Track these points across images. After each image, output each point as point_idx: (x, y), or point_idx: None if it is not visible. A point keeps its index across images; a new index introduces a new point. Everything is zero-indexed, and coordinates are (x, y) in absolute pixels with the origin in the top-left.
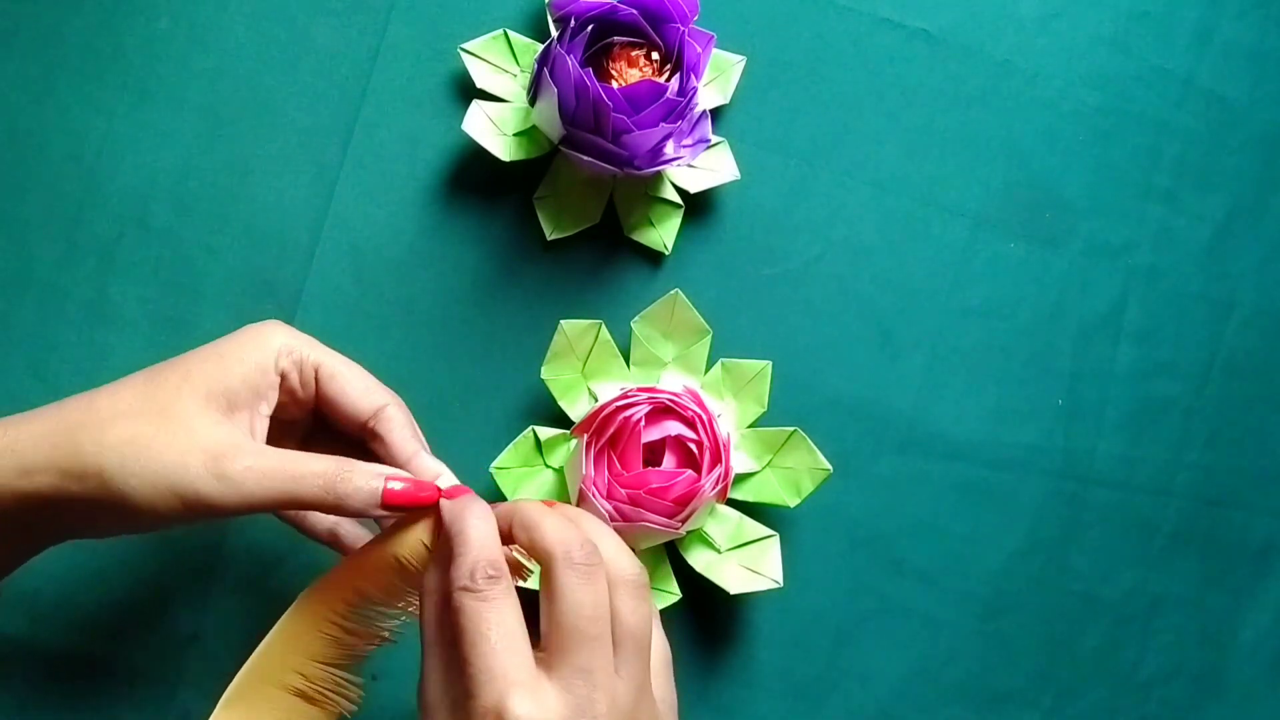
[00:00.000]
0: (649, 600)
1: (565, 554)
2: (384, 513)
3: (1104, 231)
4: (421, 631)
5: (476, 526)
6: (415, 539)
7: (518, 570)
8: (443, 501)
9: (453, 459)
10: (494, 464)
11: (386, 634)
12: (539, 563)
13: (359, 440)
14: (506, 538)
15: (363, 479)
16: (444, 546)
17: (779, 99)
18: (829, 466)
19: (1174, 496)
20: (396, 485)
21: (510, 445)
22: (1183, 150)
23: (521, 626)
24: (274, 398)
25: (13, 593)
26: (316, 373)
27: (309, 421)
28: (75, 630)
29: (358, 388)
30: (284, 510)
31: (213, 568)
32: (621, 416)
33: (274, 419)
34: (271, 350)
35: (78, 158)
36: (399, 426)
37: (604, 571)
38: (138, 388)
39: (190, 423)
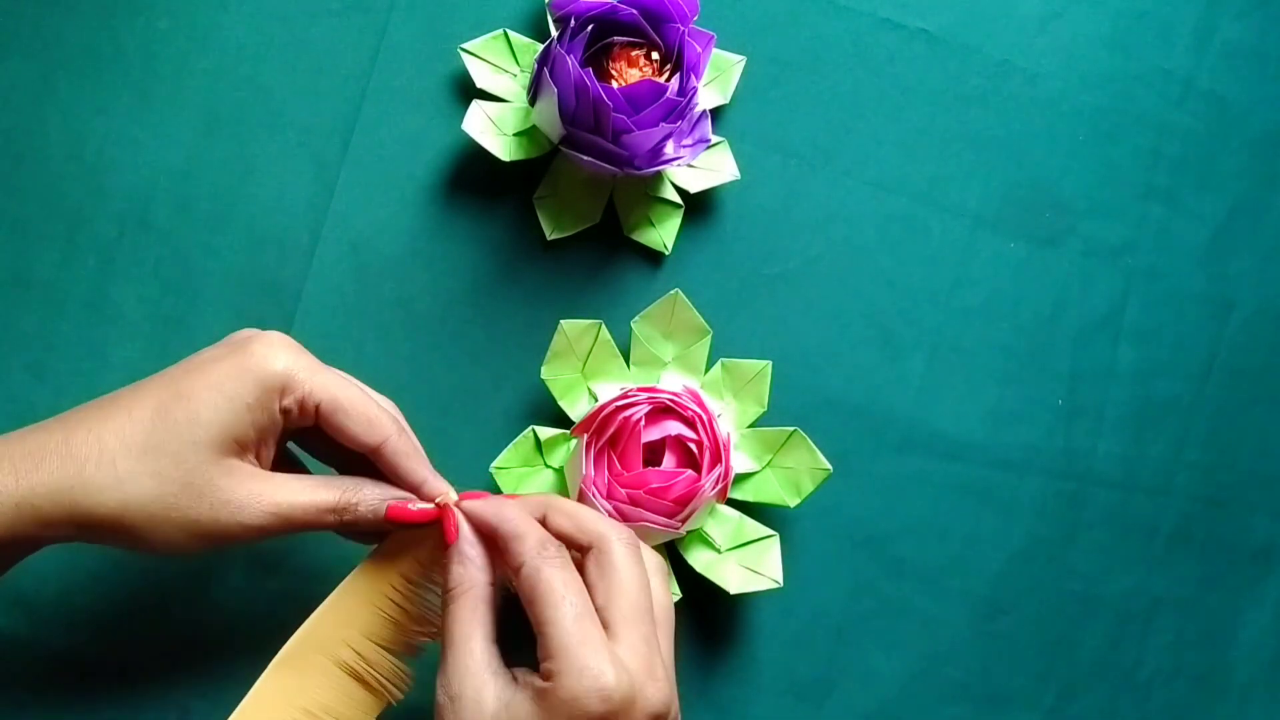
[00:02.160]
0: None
1: (619, 536)
2: (389, 529)
3: (1104, 231)
4: (448, 629)
5: (521, 515)
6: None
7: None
8: (473, 504)
9: (453, 459)
10: (494, 464)
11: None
12: (584, 547)
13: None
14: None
15: (369, 506)
16: (463, 549)
17: (779, 99)
18: (829, 466)
19: (1174, 496)
20: (401, 506)
21: (510, 445)
22: (1183, 150)
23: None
24: (279, 431)
25: (12, 593)
26: (317, 409)
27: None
28: (75, 630)
29: (360, 422)
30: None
31: (213, 568)
32: (621, 416)
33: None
34: (274, 388)
35: (78, 158)
36: (404, 458)
37: (643, 554)
38: (145, 426)
39: (209, 473)
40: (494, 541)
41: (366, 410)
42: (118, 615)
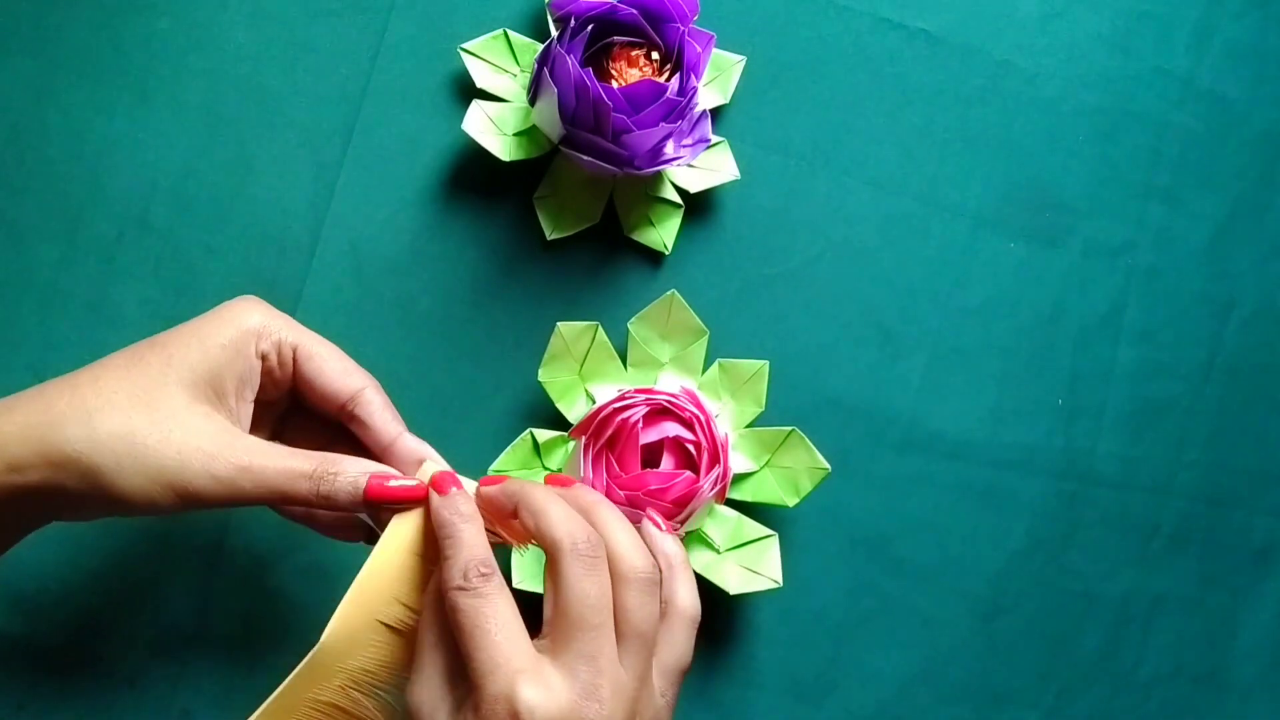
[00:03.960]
0: (659, 598)
1: (571, 545)
2: (370, 508)
3: (1104, 231)
4: (421, 635)
5: (463, 528)
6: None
7: (524, 539)
8: (433, 498)
9: (451, 460)
10: (492, 466)
11: None
12: (544, 549)
13: (337, 421)
14: (511, 516)
15: (348, 478)
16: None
17: (779, 99)
18: (827, 466)
19: (1174, 496)
20: (381, 481)
21: (509, 447)
22: (1183, 150)
23: (518, 618)
24: (257, 382)
25: (12, 593)
26: (294, 353)
27: (286, 401)
28: (75, 629)
29: (335, 369)
30: (272, 504)
31: (213, 566)
32: (619, 418)
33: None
34: (251, 332)
35: (78, 158)
36: (378, 409)
37: (606, 564)
38: (119, 371)
39: (180, 415)
40: None
41: (342, 359)
42: (117, 616)
